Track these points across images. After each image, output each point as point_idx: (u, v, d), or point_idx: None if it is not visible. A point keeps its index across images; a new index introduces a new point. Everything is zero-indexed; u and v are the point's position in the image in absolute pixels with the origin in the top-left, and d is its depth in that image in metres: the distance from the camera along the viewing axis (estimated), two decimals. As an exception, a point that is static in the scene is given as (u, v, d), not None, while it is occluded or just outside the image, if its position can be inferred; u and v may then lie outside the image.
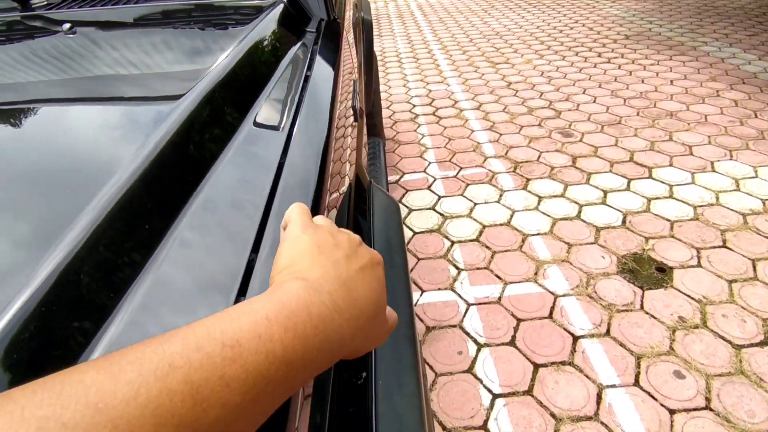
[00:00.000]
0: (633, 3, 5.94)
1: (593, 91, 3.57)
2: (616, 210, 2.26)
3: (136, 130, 0.51)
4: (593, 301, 1.78)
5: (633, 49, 4.33)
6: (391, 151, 3.02)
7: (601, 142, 2.86)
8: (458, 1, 7.15)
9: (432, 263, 2.06)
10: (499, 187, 2.54)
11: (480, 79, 4.07)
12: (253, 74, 0.69)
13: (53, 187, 0.40)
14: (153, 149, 0.45)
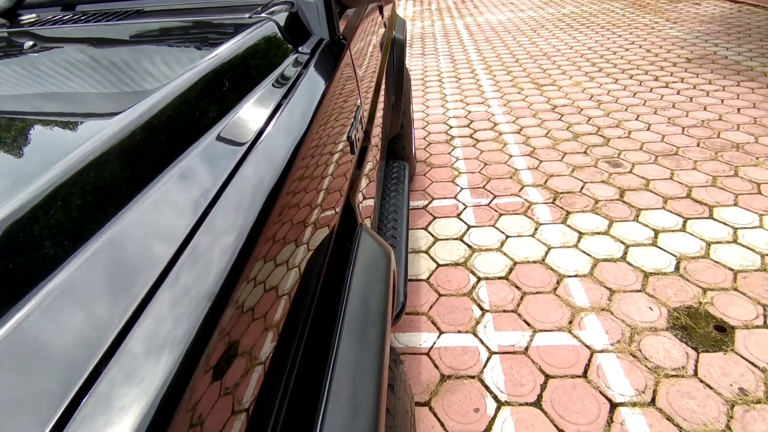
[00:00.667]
0: (696, 24, 5.55)
1: (648, 117, 3.29)
2: (668, 253, 2.00)
3: (69, 143, 0.44)
4: (637, 362, 1.54)
5: (695, 74, 3.99)
6: (422, 173, 2.88)
7: (654, 174, 2.59)
8: (507, 22, 6.97)
9: (454, 301, 1.88)
10: (535, 219, 2.33)
11: (523, 101, 3.87)
12: (213, 94, 0.58)
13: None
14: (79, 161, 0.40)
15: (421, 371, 1.60)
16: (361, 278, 0.68)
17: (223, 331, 0.36)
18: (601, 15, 6.65)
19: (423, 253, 2.18)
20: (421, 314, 1.84)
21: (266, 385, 0.41)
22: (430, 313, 1.84)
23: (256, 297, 0.42)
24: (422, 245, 2.23)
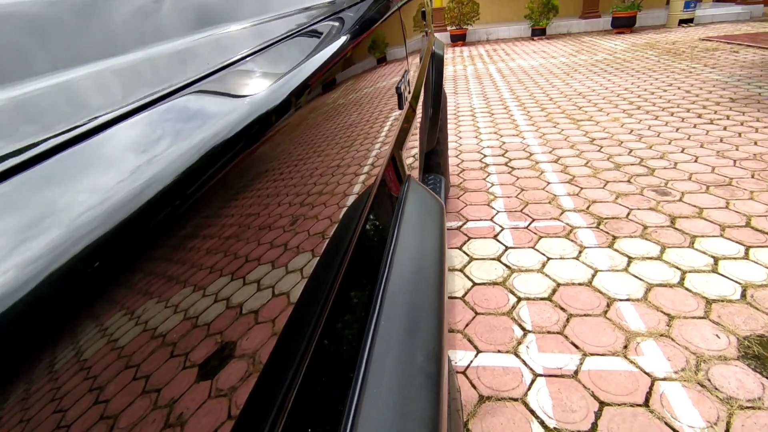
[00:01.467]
0: (737, 69, 5.45)
1: (694, 150, 3.15)
2: (731, 281, 1.81)
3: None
4: (706, 392, 1.35)
5: (740, 112, 3.85)
6: (456, 197, 2.79)
7: (707, 203, 2.42)
8: (539, 66, 7.05)
9: (492, 320, 1.73)
10: (579, 242, 2.18)
11: (559, 134, 3.80)
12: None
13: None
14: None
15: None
16: (412, 231, 0.59)
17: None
18: (635, 61, 6.65)
19: (458, 271, 2.05)
20: (456, 331, 1.69)
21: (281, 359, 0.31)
22: (466, 331, 1.69)
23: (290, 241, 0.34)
24: (456, 264, 2.11)
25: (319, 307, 0.39)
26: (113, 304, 0.18)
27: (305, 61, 0.46)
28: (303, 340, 0.34)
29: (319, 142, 0.45)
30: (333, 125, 0.50)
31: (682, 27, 9.92)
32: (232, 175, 0.27)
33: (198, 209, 0.24)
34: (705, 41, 7.78)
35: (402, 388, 0.38)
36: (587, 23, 10.95)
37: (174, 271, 0.22)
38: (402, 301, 0.47)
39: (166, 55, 0.34)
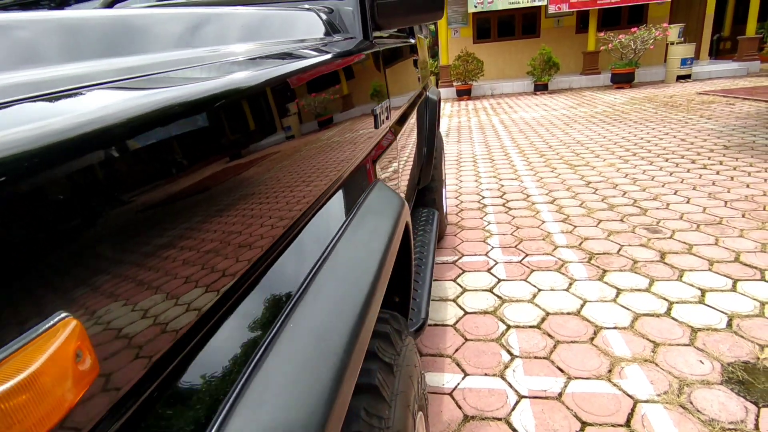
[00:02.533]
0: (732, 120, 5.63)
1: (686, 192, 3.24)
2: (718, 311, 1.85)
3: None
4: (688, 413, 1.36)
5: (734, 158, 3.97)
6: (453, 234, 2.88)
7: (696, 240, 2.48)
8: (540, 118, 7.33)
9: (481, 345, 1.77)
10: (569, 275, 2.24)
11: (556, 178, 3.92)
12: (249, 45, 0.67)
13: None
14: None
15: (442, 410, 1.47)
16: (364, 220, 0.68)
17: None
18: (633, 113, 6.89)
19: (450, 301, 2.11)
20: (445, 356, 1.73)
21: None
22: (455, 356, 1.73)
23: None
24: (450, 294, 2.17)
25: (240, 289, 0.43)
26: None
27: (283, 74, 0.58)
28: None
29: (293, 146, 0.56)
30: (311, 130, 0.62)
31: (680, 83, 10.29)
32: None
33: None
34: (702, 95, 8.05)
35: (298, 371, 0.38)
36: (588, 79, 11.41)
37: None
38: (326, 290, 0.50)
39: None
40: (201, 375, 0.32)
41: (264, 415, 0.30)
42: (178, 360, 0.32)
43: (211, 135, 0.39)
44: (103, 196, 0.27)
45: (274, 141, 0.52)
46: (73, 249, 0.24)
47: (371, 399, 0.55)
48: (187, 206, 0.34)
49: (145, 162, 0.31)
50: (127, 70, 0.40)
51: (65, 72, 0.37)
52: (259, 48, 0.70)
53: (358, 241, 0.58)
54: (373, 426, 0.52)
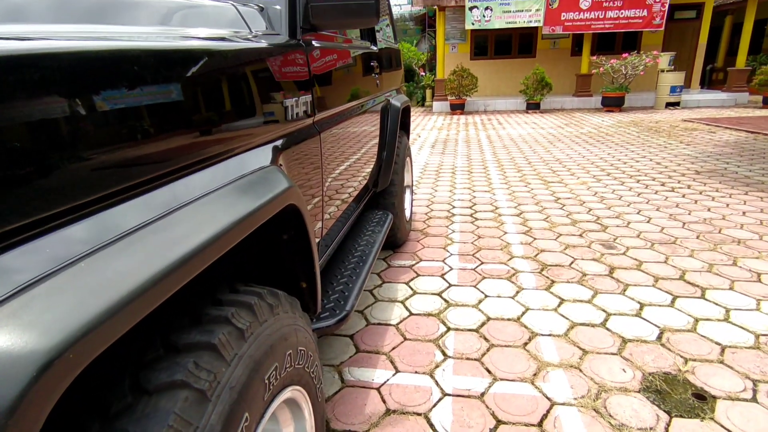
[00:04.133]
0: (709, 147, 5.75)
1: (649, 212, 3.31)
2: (651, 324, 1.90)
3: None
4: (599, 417, 1.41)
5: (702, 183, 4.06)
6: (415, 240, 2.93)
7: (647, 257, 2.55)
8: (526, 135, 7.44)
9: (417, 345, 1.81)
10: (518, 284, 2.29)
11: (528, 192, 4.00)
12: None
13: None
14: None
15: (366, 403, 1.50)
16: (235, 188, 0.72)
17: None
18: (617, 135, 7.01)
19: (399, 302, 2.16)
20: (381, 354, 1.77)
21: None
22: (391, 354, 1.77)
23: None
24: (399, 296, 2.21)
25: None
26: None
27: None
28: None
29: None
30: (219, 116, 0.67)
31: (668, 109, 10.48)
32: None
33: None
34: (687, 122, 8.21)
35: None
36: (580, 101, 11.59)
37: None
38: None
39: None
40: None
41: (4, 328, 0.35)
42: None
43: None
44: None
45: (169, 103, 0.58)
46: None
47: (207, 355, 0.60)
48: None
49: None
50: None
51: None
52: (173, 31, 0.76)
53: (211, 207, 0.63)
54: (200, 378, 0.56)
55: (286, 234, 0.95)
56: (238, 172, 0.76)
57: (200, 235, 0.57)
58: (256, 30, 1.03)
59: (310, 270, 1.03)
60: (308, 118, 1.15)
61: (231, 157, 0.77)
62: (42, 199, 0.43)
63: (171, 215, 0.57)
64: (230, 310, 0.67)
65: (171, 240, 0.54)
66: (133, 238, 0.50)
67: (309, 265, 1.02)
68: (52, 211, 0.44)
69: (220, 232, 0.61)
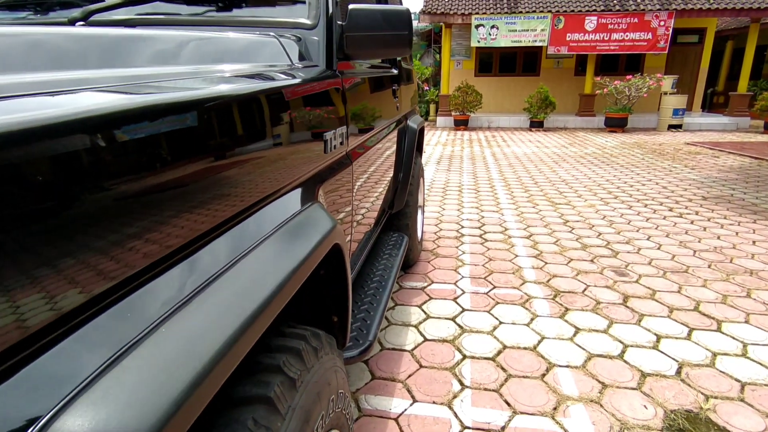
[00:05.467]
0: (714, 172, 5.78)
1: (659, 239, 3.31)
2: (670, 358, 1.88)
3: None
4: (623, 457, 1.38)
5: (710, 209, 4.06)
6: (426, 260, 2.92)
7: (661, 286, 2.53)
8: (531, 154, 7.47)
9: (434, 373, 1.79)
10: (532, 310, 2.27)
11: (536, 213, 3.99)
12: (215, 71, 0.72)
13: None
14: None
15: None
16: (283, 237, 0.71)
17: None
18: (622, 157, 7.05)
19: (412, 326, 2.13)
20: (397, 381, 1.75)
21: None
22: (407, 381, 1.74)
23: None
24: (413, 320, 2.19)
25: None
26: None
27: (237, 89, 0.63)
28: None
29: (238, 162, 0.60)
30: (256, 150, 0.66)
31: (671, 131, 10.56)
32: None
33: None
34: (690, 145, 8.26)
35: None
36: (583, 120, 11.68)
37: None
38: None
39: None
40: (57, 361, 0.35)
41: (101, 410, 0.33)
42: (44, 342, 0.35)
43: (153, 141, 0.45)
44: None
45: (213, 152, 0.57)
46: None
47: (263, 409, 0.58)
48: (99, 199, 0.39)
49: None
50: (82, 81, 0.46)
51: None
52: (215, 69, 0.75)
53: (268, 257, 0.62)
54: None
55: (323, 269, 0.94)
56: (286, 214, 0.75)
57: (267, 289, 0.56)
58: (296, 62, 1.03)
59: (343, 304, 1.02)
60: (342, 148, 1.14)
61: (279, 197, 0.76)
62: (118, 267, 0.42)
63: (234, 269, 0.56)
64: (281, 358, 0.66)
65: (242, 296, 0.52)
66: (204, 297, 0.49)
67: (343, 299, 1.00)
68: (121, 278, 0.43)
69: (283, 282, 0.60)
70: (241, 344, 0.48)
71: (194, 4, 1.17)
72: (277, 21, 1.15)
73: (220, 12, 1.16)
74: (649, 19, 10.52)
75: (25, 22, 1.19)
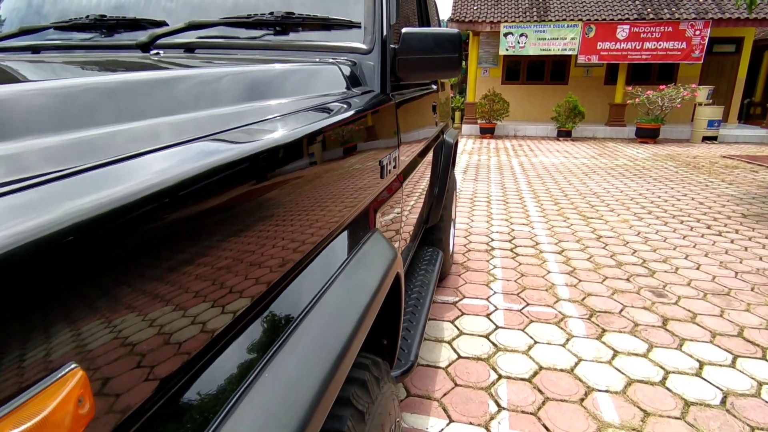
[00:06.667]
0: (753, 188, 5.58)
1: (697, 258, 3.21)
2: (714, 386, 1.82)
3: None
4: (670, 490, 1.34)
5: (750, 228, 3.93)
6: (457, 274, 2.91)
7: (701, 309, 2.46)
8: (560, 165, 7.37)
9: (470, 393, 1.78)
10: (568, 330, 2.24)
11: (568, 228, 3.93)
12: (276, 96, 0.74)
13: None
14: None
15: (422, 455, 1.47)
16: (354, 271, 0.73)
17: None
18: (654, 170, 6.88)
19: (445, 342, 2.13)
20: (433, 399, 1.74)
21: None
22: (443, 400, 1.74)
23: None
24: (446, 336, 2.18)
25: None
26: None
27: (303, 129, 0.65)
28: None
29: (303, 194, 0.62)
30: (318, 182, 0.68)
31: (705, 143, 10.25)
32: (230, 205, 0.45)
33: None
34: (726, 158, 8.01)
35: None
36: (612, 130, 11.45)
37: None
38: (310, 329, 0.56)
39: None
40: (172, 418, 0.37)
41: None
42: (153, 410, 0.37)
43: (226, 184, 0.46)
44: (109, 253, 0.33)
45: (281, 192, 0.58)
46: (80, 304, 0.30)
47: None
48: (180, 250, 0.40)
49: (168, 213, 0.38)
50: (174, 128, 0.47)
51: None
52: (283, 106, 0.77)
53: (344, 293, 0.63)
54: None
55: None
56: (353, 246, 0.77)
57: (348, 327, 0.58)
58: (353, 89, 1.05)
59: (395, 328, 1.02)
60: (395, 171, 1.15)
61: (345, 230, 0.78)
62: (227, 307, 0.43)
63: (316, 309, 0.57)
64: (350, 390, 0.67)
65: (328, 336, 0.54)
66: (296, 341, 0.50)
67: (395, 324, 1.01)
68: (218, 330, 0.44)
69: (362, 318, 0.61)
70: (334, 384, 0.49)
71: (253, 28, 1.20)
72: (333, 46, 1.17)
73: (278, 36, 1.19)
74: (684, 28, 10.27)
75: (93, 44, 1.25)
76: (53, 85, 0.45)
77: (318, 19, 1.19)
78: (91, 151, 0.38)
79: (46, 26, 1.31)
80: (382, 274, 0.74)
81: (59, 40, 1.29)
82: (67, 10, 1.35)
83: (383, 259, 0.78)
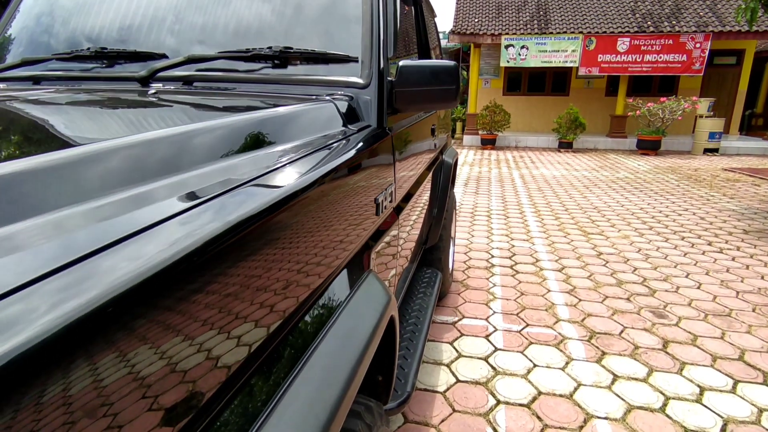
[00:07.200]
0: (755, 202, 5.57)
1: (698, 276, 3.20)
2: (714, 413, 1.80)
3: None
4: None
5: (752, 245, 3.91)
6: (456, 292, 2.90)
7: (702, 331, 2.44)
8: (561, 177, 7.37)
9: (468, 420, 1.76)
10: (567, 353, 2.22)
11: (568, 244, 3.93)
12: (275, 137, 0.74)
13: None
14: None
15: (419, 485, 1.46)
16: (348, 319, 0.73)
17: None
18: (655, 183, 6.88)
19: (444, 366, 2.11)
20: (431, 426, 1.73)
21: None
22: (440, 427, 1.72)
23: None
24: (444, 358, 2.17)
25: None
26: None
27: (303, 178, 0.66)
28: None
29: (298, 237, 0.62)
30: (314, 226, 0.68)
31: (706, 155, 10.26)
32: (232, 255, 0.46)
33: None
34: (727, 171, 8.00)
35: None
36: (614, 142, 11.47)
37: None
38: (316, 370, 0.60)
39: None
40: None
41: None
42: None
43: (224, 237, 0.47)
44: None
45: (277, 239, 0.58)
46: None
47: None
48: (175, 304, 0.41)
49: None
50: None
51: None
52: (276, 156, 0.77)
53: (336, 348, 0.63)
54: None
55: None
56: (347, 291, 0.77)
57: (343, 376, 0.58)
58: (349, 125, 1.06)
59: (389, 364, 1.02)
60: (391, 205, 1.16)
61: (339, 274, 0.78)
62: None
63: (312, 360, 0.57)
64: None
65: (327, 387, 0.54)
66: (294, 393, 0.51)
67: (390, 361, 1.01)
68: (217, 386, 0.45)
69: (355, 366, 0.61)
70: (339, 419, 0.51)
71: (251, 62, 1.21)
72: (331, 80, 1.18)
73: (276, 69, 1.20)
74: (685, 41, 10.33)
75: (93, 75, 1.26)
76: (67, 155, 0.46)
77: (316, 54, 1.20)
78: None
79: (47, 57, 1.32)
80: (375, 322, 0.74)
81: (60, 71, 1.31)
82: (70, 40, 1.37)
83: (377, 305, 0.78)
